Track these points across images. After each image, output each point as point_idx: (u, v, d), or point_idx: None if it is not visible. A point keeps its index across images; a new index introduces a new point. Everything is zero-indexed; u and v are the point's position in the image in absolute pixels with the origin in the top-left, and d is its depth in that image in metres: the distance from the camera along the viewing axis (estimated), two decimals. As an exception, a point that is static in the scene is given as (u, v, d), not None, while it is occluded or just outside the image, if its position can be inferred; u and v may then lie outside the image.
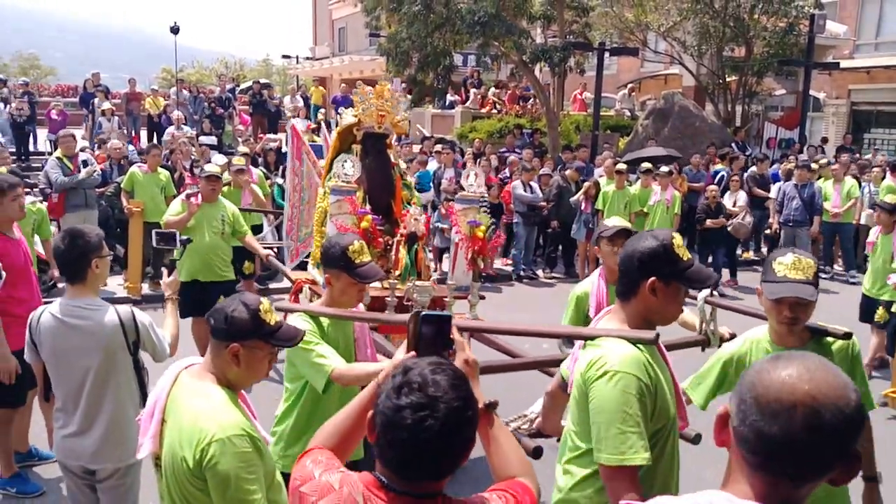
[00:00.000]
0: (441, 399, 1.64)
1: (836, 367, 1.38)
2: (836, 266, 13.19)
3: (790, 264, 2.86)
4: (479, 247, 5.55)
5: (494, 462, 2.00)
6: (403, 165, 6.72)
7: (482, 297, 5.56)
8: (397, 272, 5.47)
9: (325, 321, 3.51)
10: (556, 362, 3.01)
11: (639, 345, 2.42)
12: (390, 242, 5.65)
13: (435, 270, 10.08)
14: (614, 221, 4.58)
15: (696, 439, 3.15)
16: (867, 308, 8.04)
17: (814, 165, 13.41)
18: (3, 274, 4.41)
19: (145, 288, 10.01)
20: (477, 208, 5.84)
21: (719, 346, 3.46)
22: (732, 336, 3.56)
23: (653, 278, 2.43)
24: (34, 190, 11.77)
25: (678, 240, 2.49)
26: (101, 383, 3.53)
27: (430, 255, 6.97)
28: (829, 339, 3.07)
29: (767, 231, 13.67)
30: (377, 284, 4.97)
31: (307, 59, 40.58)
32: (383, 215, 5.84)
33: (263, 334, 2.52)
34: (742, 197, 12.22)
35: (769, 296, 2.92)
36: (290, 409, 3.55)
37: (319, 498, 1.75)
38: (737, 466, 1.42)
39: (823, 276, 12.42)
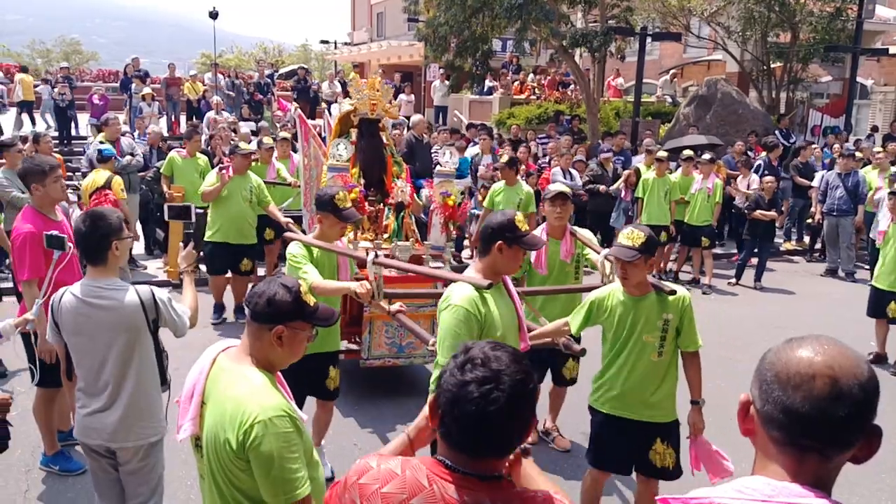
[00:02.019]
0: (504, 372, 1.70)
1: (847, 345, 1.45)
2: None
3: (625, 234, 3.93)
4: (450, 213, 6.78)
5: None
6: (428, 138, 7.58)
7: (455, 256, 7.24)
8: (385, 235, 6.73)
9: (315, 249, 4.81)
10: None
11: (478, 288, 3.44)
12: (381, 210, 6.89)
13: (470, 257, 10.11)
14: (556, 187, 5.53)
15: (581, 353, 4.22)
16: (878, 302, 7.83)
17: (858, 154, 13.10)
18: (71, 245, 4.45)
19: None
20: (451, 182, 7.07)
21: None
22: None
23: (500, 241, 3.45)
24: (76, 174, 11.98)
25: (520, 217, 3.51)
26: (124, 362, 3.56)
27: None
28: (664, 293, 4.03)
29: (809, 221, 13.42)
30: (367, 244, 6.31)
31: (345, 44, 40.64)
32: (376, 188, 7.10)
33: (306, 315, 2.59)
34: (755, 180, 12.04)
35: (608, 255, 4.41)
36: None
37: (383, 485, 1.76)
38: (764, 451, 1.46)
39: (867, 267, 12.13)
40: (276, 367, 2.61)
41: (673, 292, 4.02)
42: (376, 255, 4.66)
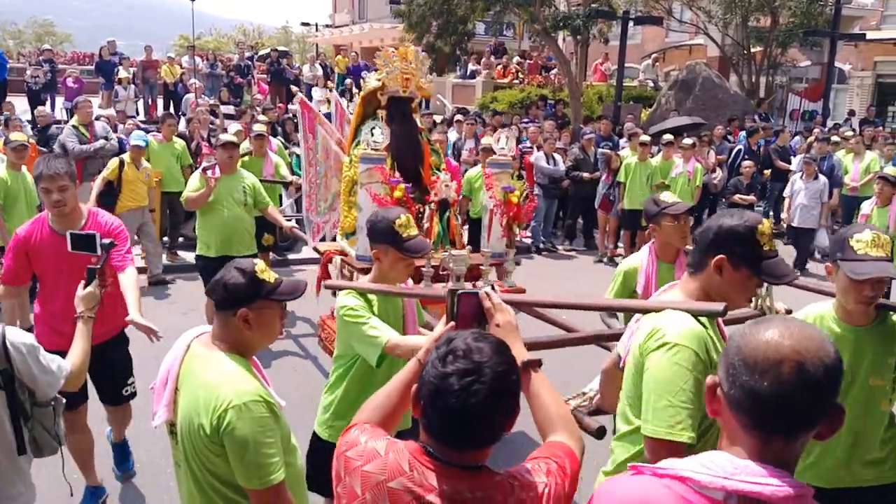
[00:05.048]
0: (486, 364, 1.67)
1: (812, 325, 1.43)
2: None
3: (870, 241, 2.76)
4: (514, 213, 5.37)
5: (538, 418, 2.02)
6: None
7: (518, 264, 5.44)
8: (430, 241, 5.24)
9: (373, 296, 3.39)
10: (615, 337, 2.86)
11: (702, 320, 2.29)
12: (422, 210, 5.46)
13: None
14: (679, 203, 4.21)
15: None
16: None
17: (834, 138, 13.24)
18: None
19: (164, 258, 9.92)
20: (510, 173, 5.67)
21: None
22: (788, 311, 3.49)
23: (722, 256, 2.30)
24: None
25: (765, 226, 2.31)
26: None
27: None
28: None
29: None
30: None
31: (326, 26, 40.41)
32: (412, 182, 5.53)
33: (266, 293, 2.53)
34: (712, 155, 12.83)
35: (854, 275, 2.74)
36: (339, 380, 3.47)
37: (365, 463, 1.77)
38: (729, 433, 1.49)
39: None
40: (251, 351, 2.59)
41: None
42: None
